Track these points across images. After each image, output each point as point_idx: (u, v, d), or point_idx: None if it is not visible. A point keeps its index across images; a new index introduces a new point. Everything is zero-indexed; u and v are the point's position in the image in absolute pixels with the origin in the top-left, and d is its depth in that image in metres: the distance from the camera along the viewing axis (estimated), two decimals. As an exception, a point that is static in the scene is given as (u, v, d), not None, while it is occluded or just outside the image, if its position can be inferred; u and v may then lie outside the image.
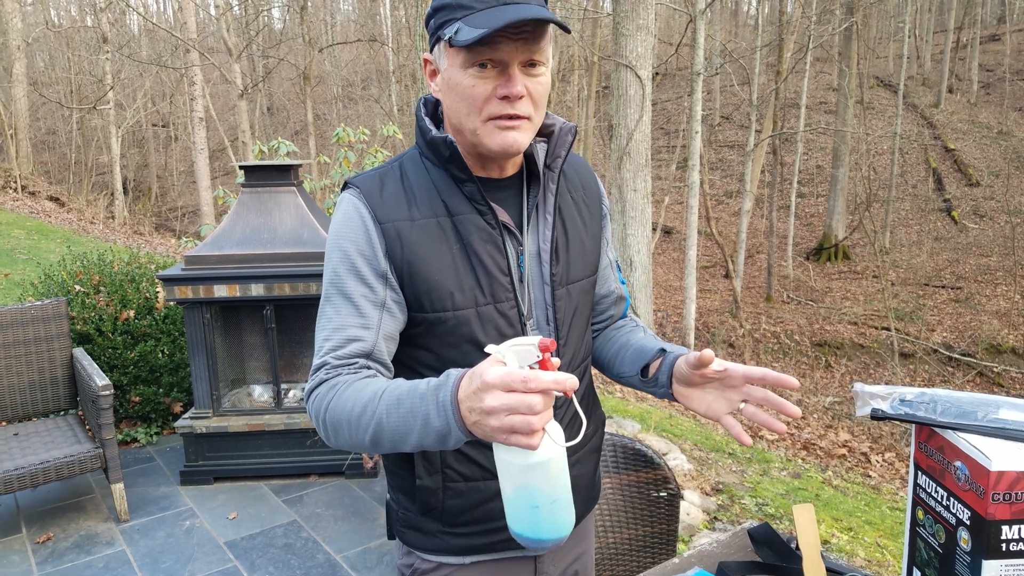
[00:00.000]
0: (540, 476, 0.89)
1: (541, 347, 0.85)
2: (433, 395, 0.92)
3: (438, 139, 1.12)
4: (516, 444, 0.83)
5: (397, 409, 0.95)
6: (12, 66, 17.27)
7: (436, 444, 0.94)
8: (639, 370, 1.23)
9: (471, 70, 1.04)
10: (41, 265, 7.54)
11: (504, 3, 1.02)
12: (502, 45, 1.01)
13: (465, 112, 1.07)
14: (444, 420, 0.90)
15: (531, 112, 1.08)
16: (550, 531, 0.94)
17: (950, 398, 1.05)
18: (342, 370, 1.08)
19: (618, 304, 1.40)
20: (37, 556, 3.00)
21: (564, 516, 0.95)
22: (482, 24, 0.99)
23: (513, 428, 0.82)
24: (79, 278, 4.15)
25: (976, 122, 22.60)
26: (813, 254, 18.24)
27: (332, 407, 1.03)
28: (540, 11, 1.00)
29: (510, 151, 1.09)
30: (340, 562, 2.94)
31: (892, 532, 3.69)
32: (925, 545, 1.06)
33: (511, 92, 1.04)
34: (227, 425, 3.51)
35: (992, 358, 12.44)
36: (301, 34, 16.47)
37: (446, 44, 1.05)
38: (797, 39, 15.72)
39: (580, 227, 1.25)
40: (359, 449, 1.04)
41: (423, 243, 1.11)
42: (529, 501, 0.91)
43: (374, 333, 1.10)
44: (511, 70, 1.04)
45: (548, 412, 0.83)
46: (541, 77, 1.07)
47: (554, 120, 1.22)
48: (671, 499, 1.80)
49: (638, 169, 7.27)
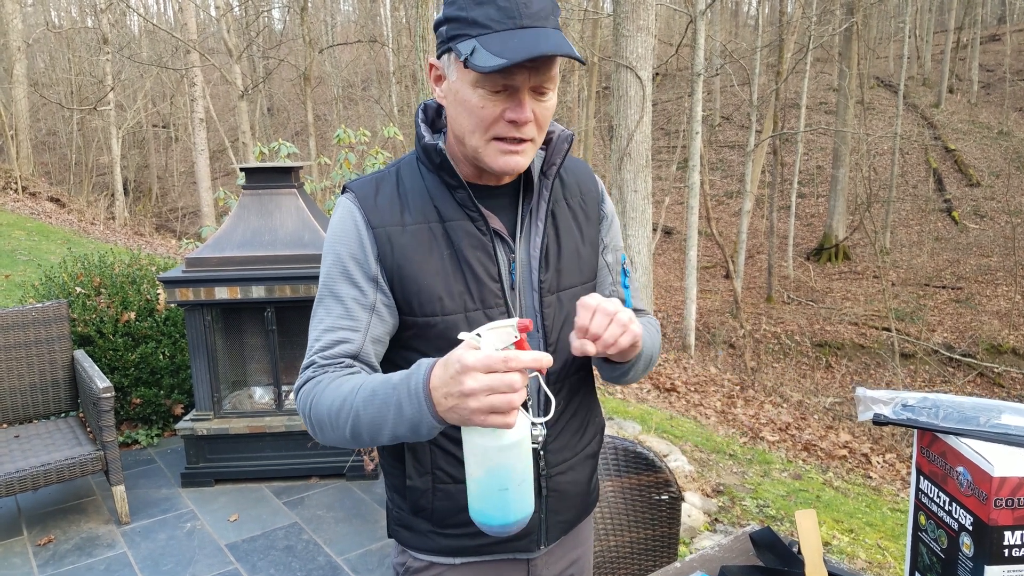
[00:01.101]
0: (513, 456, 0.93)
1: (520, 327, 0.89)
2: (404, 384, 0.95)
3: (430, 146, 1.14)
4: (493, 424, 0.87)
5: (372, 400, 0.98)
6: (13, 67, 17.28)
7: (409, 433, 0.97)
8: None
9: (481, 90, 1.05)
10: (42, 266, 7.54)
11: (521, 27, 1.01)
12: (516, 72, 1.02)
13: (470, 129, 1.08)
14: (416, 407, 0.93)
15: (535, 135, 1.10)
16: (517, 512, 0.97)
17: (952, 403, 1.05)
18: (328, 368, 1.11)
19: None
20: (38, 558, 3.00)
21: (529, 497, 0.98)
22: (498, 49, 0.99)
23: (493, 408, 0.85)
24: (80, 280, 4.15)
25: (976, 122, 22.60)
26: (813, 254, 18.25)
27: (315, 404, 1.06)
28: (559, 45, 1.00)
29: (511, 173, 1.12)
30: (341, 564, 2.94)
31: (893, 534, 3.69)
32: (927, 550, 1.06)
33: (519, 118, 1.05)
34: (228, 427, 3.51)
35: (993, 358, 12.44)
36: (301, 35, 16.48)
37: (457, 59, 1.05)
38: (797, 39, 15.73)
39: (575, 234, 1.25)
40: (344, 444, 1.07)
41: (414, 248, 1.13)
42: (499, 483, 0.94)
43: (362, 335, 1.14)
44: (521, 95, 1.04)
45: (524, 391, 0.87)
46: (548, 102, 1.08)
47: (553, 127, 1.23)
48: (672, 502, 1.80)
49: (638, 170, 7.27)
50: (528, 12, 1.02)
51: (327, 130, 22.53)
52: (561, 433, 1.25)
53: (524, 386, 0.86)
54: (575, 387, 1.27)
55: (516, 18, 1.01)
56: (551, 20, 1.04)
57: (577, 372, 1.27)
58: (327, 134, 21.17)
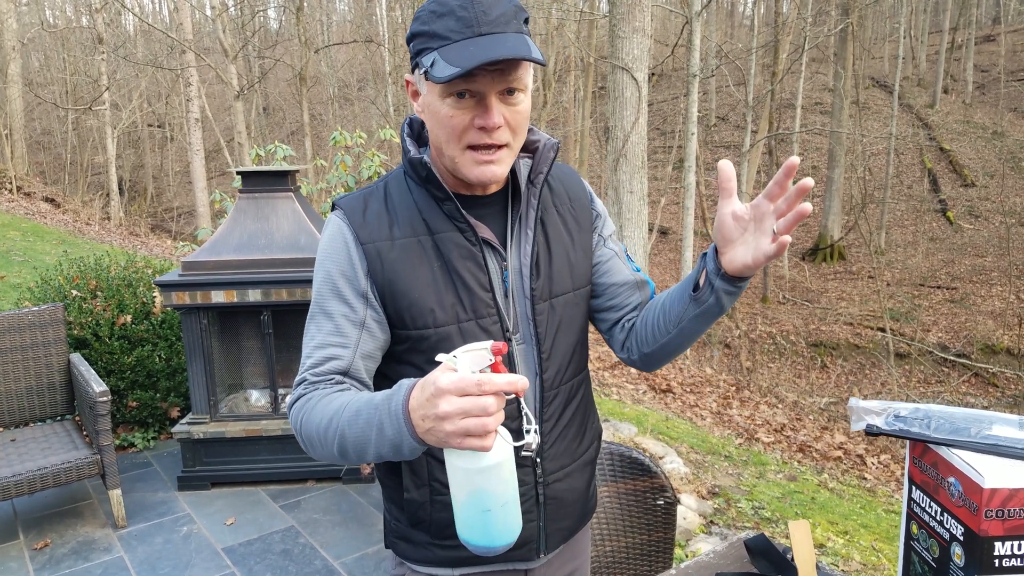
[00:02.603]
0: (493, 479, 0.92)
1: (493, 351, 0.88)
2: (385, 405, 0.95)
3: (415, 160, 1.15)
4: (470, 447, 0.85)
5: (356, 420, 0.99)
6: (7, 66, 17.23)
7: (392, 453, 0.97)
8: (690, 292, 1.16)
9: (449, 100, 1.06)
10: (37, 268, 7.53)
11: (479, 34, 1.02)
12: (479, 77, 1.03)
13: (444, 139, 1.10)
14: (396, 429, 0.93)
15: (509, 140, 1.10)
16: (501, 536, 0.96)
17: (944, 414, 1.07)
18: (318, 385, 1.12)
19: (642, 289, 1.34)
20: (35, 563, 3.00)
21: (514, 520, 0.97)
22: (456, 59, 1.00)
23: (468, 431, 0.84)
24: (76, 283, 4.14)
25: (971, 123, 22.67)
26: (809, 255, 18.30)
27: (305, 421, 1.07)
28: (514, 48, 1.01)
29: (487, 183, 1.12)
30: (338, 568, 2.94)
31: (888, 535, 3.71)
32: (919, 559, 1.07)
33: (487, 123, 1.06)
34: (224, 430, 3.51)
35: (987, 359, 12.48)
36: (297, 35, 16.45)
37: (423, 74, 1.07)
38: (793, 40, 15.76)
39: (566, 240, 1.26)
40: (334, 461, 1.07)
41: (403, 262, 1.14)
42: (481, 506, 0.93)
43: (352, 352, 1.14)
44: (488, 100, 1.05)
45: (500, 414, 0.86)
46: (519, 105, 1.09)
47: (539, 136, 1.24)
48: (668, 507, 1.81)
49: (634, 171, 7.28)
50: (487, 20, 1.03)
51: (323, 130, 22.51)
52: (558, 440, 1.25)
53: (499, 409, 0.85)
54: (571, 392, 1.27)
55: (474, 26, 1.02)
56: (512, 25, 1.05)
57: (573, 377, 1.28)
58: (323, 134, 21.16)
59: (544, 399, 1.22)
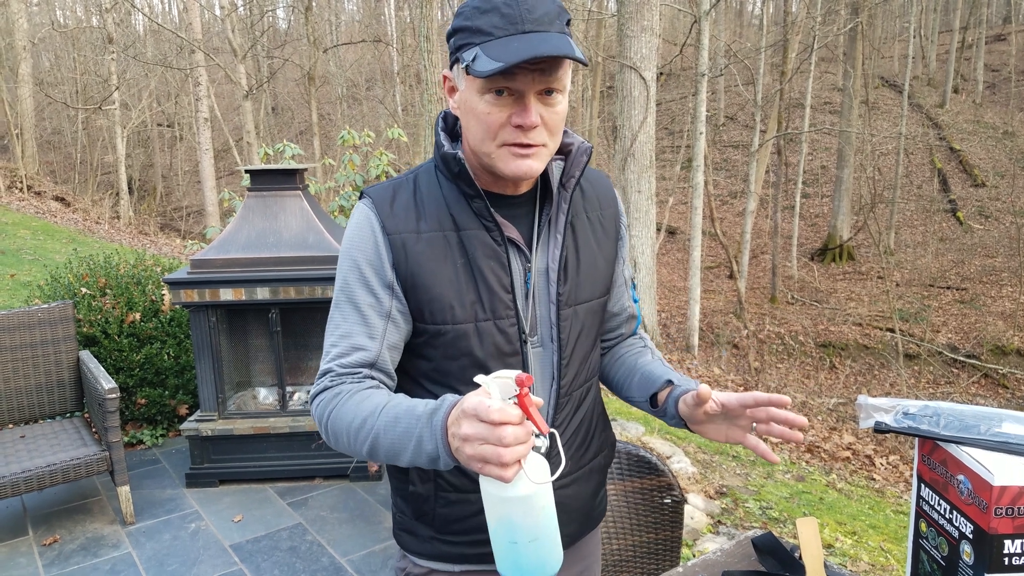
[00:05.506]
0: (519, 511, 0.89)
1: (517, 382, 0.86)
2: (428, 419, 0.95)
3: (448, 155, 1.14)
4: (489, 474, 0.85)
5: (394, 427, 0.99)
6: (18, 66, 17.34)
7: (428, 465, 0.98)
8: (648, 398, 1.25)
9: (487, 96, 1.05)
10: (47, 266, 7.58)
11: (523, 31, 1.02)
12: (519, 75, 1.02)
13: (480, 137, 1.08)
14: (434, 444, 0.94)
15: (546, 140, 1.09)
16: (531, 570, 0.93)
17: (953, 411, 1.06)
18: (346, 379, 1.12)
19: (629, 323, 1.40)
20: (44, 558, 3.02)
21: (547, 556, 0.94)
22: (499, 55, 1.00)
23: (484, 457, 0.84)
24: (85, 281, 4.17)
25: (981, 122, 22.53)
26: (817, 255, 18.22)
27: (334, 416, 1.07)
28: (558, 46, 1.00)
29: (523, 177, 1.10)
30: (345, 565, 2.95)
31: (896, 536, 3.69)
32: (928, 558, 1.06)
33: (525, 122, 1.04)
34: (232, 428, 3.52)
35: (997, 360, 12.40)
36: (306, 34, 16.50)
37: (463, 68, 1.06)
38: (802, 39, 15.70)
39: (593, 247, 1.25)
40: (357, 457, 1.08)
41: (427, 255, 1.13)
42: (508, 536, 0.91)
43: (378, 343, 1.14)
44: (527, 99, 1.04)
45: (522, 447, 0.84)
46: (557, 106, 1.08)
47: (572, 139, 1.22)
48: (675, 506, 1.80)
49: (642, 170, 7.27)
50: (531, 17, 1.02)
51: (331, 130, 22.56)
52: (564, 446, 1.24)
53: (518, 443, 0.83)
54: (581, 399, 1.27)
55: (519, 24, 1.02)
56: (556, 25, 1.04)
57: (584, 384, 1.27)
58: (331, 134, 21.19)
59: (559, 404, 1.22)
